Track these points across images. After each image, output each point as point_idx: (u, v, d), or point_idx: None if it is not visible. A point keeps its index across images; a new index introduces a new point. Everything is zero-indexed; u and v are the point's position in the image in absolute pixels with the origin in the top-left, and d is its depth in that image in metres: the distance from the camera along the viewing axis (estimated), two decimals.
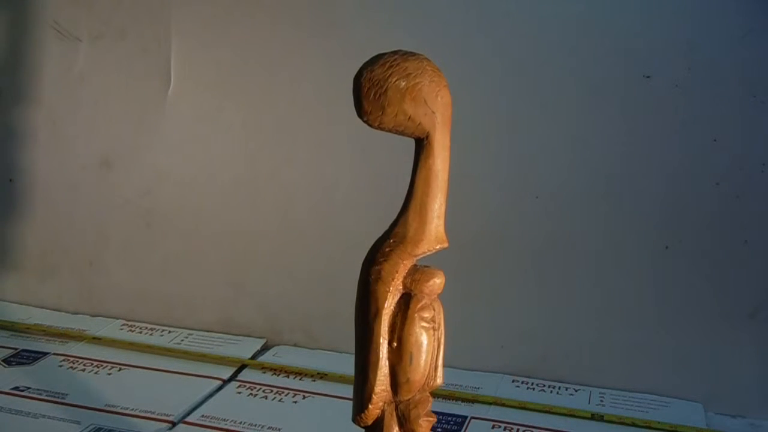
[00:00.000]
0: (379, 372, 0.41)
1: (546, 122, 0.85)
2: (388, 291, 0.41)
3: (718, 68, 0.79)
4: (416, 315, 0.42)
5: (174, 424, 0.78)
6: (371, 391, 0.41)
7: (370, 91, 0.39)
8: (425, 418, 0.43)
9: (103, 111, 1.01)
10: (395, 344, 0.41)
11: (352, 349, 0.43)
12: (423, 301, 0.42)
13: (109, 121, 1.01)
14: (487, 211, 0.88)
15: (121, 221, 1.02)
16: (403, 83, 0.39)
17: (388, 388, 0.42)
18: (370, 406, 0.42)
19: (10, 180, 1.06)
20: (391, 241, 0.42)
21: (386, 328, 0.41)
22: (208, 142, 0.98)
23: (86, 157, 1.02)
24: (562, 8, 0.83)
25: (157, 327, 1.01)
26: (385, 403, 0.42)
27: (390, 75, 0.39)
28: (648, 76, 0.81)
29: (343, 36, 0.90)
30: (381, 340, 0.41)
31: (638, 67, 0.81)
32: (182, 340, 0.97)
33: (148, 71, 0.98)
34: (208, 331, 1.00)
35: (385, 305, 0.41)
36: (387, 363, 0.42)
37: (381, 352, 0.41)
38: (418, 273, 0.42)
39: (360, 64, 0.41)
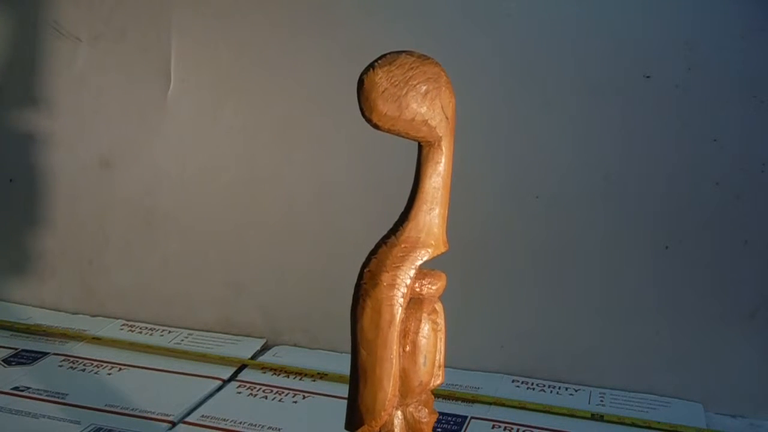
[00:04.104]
0: (392, 378, 0.41)
1: (546, 122, 0.85)
2: (403, 297, 0.41)
3: (718, 68, 0.79)
4: (428, 318, 0.42)
5: (174, 424, 0.78)
6: (385, 399, 0.41)
7: (387, 92, 0.38)
8: (432, 416, 0.43)
9: (103, 111, 1.01)
10: (408, 348, 0.41)
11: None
12: (433, 304, 0.42)
13: (109, 121, 1.01)
14: (487, 211, 0.88)
15: (121, 221, 1.02)
16: (424, 87, 0.38)
17: (397, 393, 0.42)
18: (383, 414, 0.41)
19: (10, 180, 1.06)
20: (403, 246, 0.41)
21: (398, 334, 0.41)
22: (208, 142, 0.98)
23: (86, 157, 1.02)
24: (562, 8, 0.83)
25: (157, 327, 1.01)
26: (393, 407, 0.42)
27: (411, 78, 0.38)
28: (648, 76, 0.81)
29: (343, 36, 0.90)
30: (395, 347, 0.41)
31: (638, 67, 0.81)
32: (182, 340, 0.97)
33: (148, 71, 0.98)
34: (208, 331, 1.00)
35: (400, 311, 0.41)
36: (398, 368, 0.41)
37: (396, 359, 0.41)
38: (427, 277, 0.42)
39: (360, 64, 0.40)
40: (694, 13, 0.79)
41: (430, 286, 0.42)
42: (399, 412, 0.42)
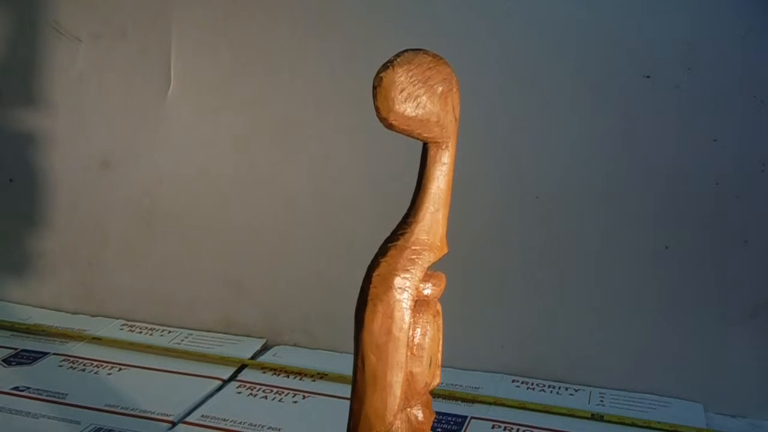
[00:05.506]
0: (402, 382, 0.41)
1: (546, 122, 0.85)
2: (412, 300, 0.41)
3: (718, 68, 0.79)
4: (433, 320, 0.41)
5: (174, 424, 0.78)
6: (395, 404, 0.41)
7: (405, 91, 0.37)
8: (431, 416, 0.43)
9: (103, 111, 1.01)
10: (415, 351, 0.41)
11: (352, 349, 0.42)
12: (435, 306, 0.42)
13: (109, 121, 1.01)
14: (487, 211, 0.88)
15: (121, 221, 1.02)
16: (441, 88, 0.38)
17: (403, 396, 0.41)
18: (392, 419, 0.41)
19: (10, 180, 1.06)
20: (413, 248, 0.41)
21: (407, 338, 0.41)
22: (208, 142, 0.98)
23: (86, 157, 1.02)
24: (562, 8, 0.83)
25: (157, 327, 1.01)
26: (400, 411, 0.42)
27: (429, 77, 0.38)
28: (648, 76, 0.81)
29: (343, 36, 0.90)
30: (405, 351, 0.41)
31: (638, 67, 0.81)
32: (182, 340, 0.97)
33: (148, 71, 0.98)
34: (208, 331, 1.00)
35: (411, 315, 0.41)
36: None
37: (405, 363, 0.41)
38: (431, 279, 0.42)
39: (360, 64, 0.40)
40: (694, 13, 0.79)
41: (433, 287, 0.42)
42: (403, 414, 0.42)
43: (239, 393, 0.85)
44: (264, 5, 0.92)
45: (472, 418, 0.80)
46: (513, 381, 0.88)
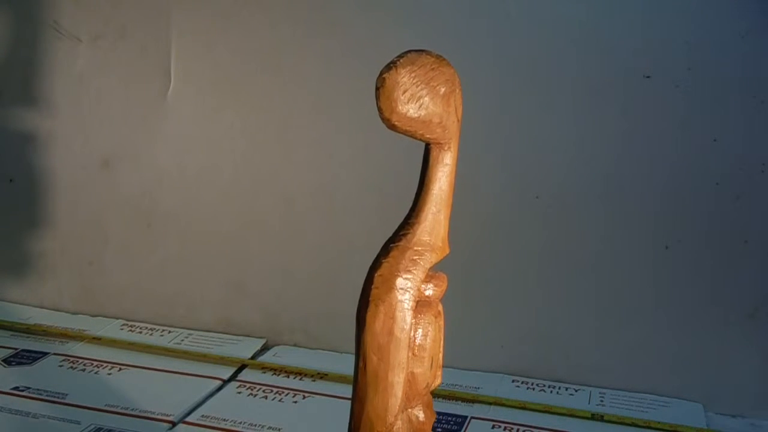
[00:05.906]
0: (403, 383, 0.41)
1: (546, 122, 0.85)
2: (413, 301, 0.41)
3: (718, 68, 0.79)
4: (435, 321, 0.41)
5: (174, 424, 0.78)
6: (396, 405, 0.41)
7: (408, 92, 0.37)
8: (432, 416, 0.43)
9: (103, 111, 1.01)
10: (417, 352, 0.41)
11: (352, 349, 0.42)
12: (437, 307, 0.42)
13: (109, 121, 1.01)
14: (487, 211, 0.88)
15: (121, 221, 1.02)
16: (443, 89, 0.38)
17: (404, 397, 0.41)
18: (393, 420, 0.41)
19: (10, 180, 1.06)
20: (415, 249, 0.41)
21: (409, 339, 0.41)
22: (208, 142, 0.98)
23: (86, 157, 1.02)
24: (562, 8, 0.83)
25: (157, 327, 1.01)
26: (401, 412, 0.42)
27: (432, 78, 0.38)
28: (648, 76, 0.81)
29: (343, 36, 0.90)
30: (406, 351, 0.41)
31: (638, 67, 0.81)
32: (182, 340, 0.97)
33: (148, 71, 0.98)
34: (208, 331, 1.00)
35: (412, 315, 0.41)
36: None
37: (407, 363, 0.41)
38: (433, 279, 0.42)
39: (360, 64, 0.40)
40: (694, 13, 0.79)
41: (435, 288, 0.42)
42: (404, 415, 0.42)
43: (239, 393, 0.85)
44: (264, 5, 0.92)
45: (472, 418, 0.80)
46: (513, 381, 0.88)
